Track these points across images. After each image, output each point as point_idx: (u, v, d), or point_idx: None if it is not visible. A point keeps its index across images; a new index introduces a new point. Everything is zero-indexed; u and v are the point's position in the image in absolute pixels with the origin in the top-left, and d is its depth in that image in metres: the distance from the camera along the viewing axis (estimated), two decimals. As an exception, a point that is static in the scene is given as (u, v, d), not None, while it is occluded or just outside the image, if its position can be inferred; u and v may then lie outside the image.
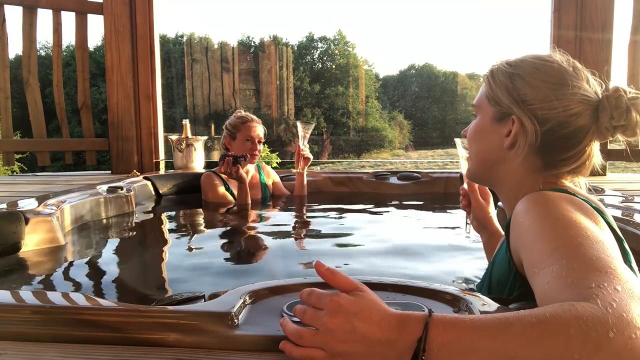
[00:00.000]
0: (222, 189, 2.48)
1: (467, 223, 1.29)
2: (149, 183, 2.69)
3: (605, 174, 3.05)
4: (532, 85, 0.84)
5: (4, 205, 1.67)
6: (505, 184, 0.94)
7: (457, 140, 1.28)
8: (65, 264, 1.51)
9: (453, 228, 2.02)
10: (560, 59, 0.86)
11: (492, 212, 1.23)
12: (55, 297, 0.82)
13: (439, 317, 0.53)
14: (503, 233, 1.20)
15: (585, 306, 0.49)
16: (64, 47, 3.68)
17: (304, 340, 0.58)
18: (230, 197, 2.47)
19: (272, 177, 2.73)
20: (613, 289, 0.51)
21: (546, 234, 0.68)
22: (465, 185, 1.25)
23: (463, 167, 1.26)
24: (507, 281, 0.82)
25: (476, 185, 1.22)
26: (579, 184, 0.89)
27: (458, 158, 1.28)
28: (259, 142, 2.50)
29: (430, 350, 0.52)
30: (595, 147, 0.86)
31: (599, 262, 0.58)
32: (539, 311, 0.51)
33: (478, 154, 0.96)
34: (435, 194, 2.83)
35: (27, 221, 1.51)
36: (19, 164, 10.99)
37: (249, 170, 2.57)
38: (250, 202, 2.40)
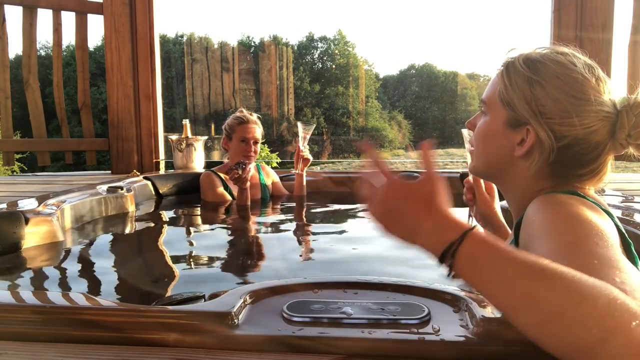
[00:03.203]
0: (221, 189, 2.48)
1: (470, 216, 1.28)
2: (149, 183, 2.69)
3: (605, 174, 3.05)
4: (553, 97, 0.79)
5: (4, 205, 1.67)
6: (511, 187, 0.92)
7: (465, 132, 1.23)
8: (65, 264, 1.51)
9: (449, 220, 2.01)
10: (582, 66, 0.81)
11: (497, 206, 1.22)
12: (55, 297, 0.83)
13: (479, 234, 0.58)
14: (508, 228, 1.19)
15: (621, 292, 0.49)
16: (64, 47, 3.68)
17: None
18: (229, 197, 2.47)
19: (271, 177, 2.73)
20: (636, 287, 0.52)
21: (560, 230, 0.67)
22: (470, 178, 1.23)
23: (469, 160, 1.25)
24: None
25: (481, 179, 1.21)
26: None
27: (458, 158, 1.27)
28: (255, 142, 2.48)
29: (459, 257, 0.58)
30: (610, 161, 0.83)
31: (617, 263, 0.57)
32: (576, 273, 0.51)
33: (486, 155, 0.93)
34: (435, 194, 2.82)
35: (27, 221, 1.51)
36: (19, 164, 10.99)
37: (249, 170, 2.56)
38: (249, 203, 2.40)
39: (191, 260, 1.64)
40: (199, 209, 2.52)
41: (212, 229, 2.17)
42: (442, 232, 0.61)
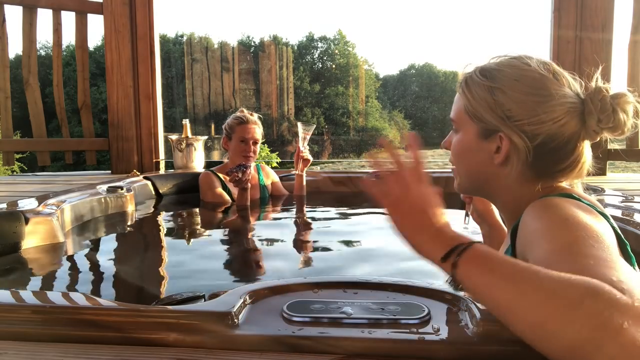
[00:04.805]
0: (220, 189, 2.47)
1: (466, 214, 1.28)
2: (149, 183, 2.69)
3: (605, 174, 3.06)
4: (516, 99, 0.81)
5: (4, 205, 1.67)
6: (501, 197, 0.92)
7: None
8: (65, 264, 1.51)
9: (452, 228, 2.02)
10: (537, 64, 0.83)
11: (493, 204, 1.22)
12: (55, 297, 0.83)
13: (477, 250, 0.61)
14: (504, 226, 1.19)
15: (614, 290, 0.48)
16: (64, 47, 3.68)
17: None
18: (228, 198, 2.47)
19: (271, 177, 2.73)
20: (633, 287, 0.51)
21: (556, 233, 0.67)
22: None
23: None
24: None
25: None
26: (575, 185, 0.88)
27: None
28: (255, 143, 2.47)
29: (465, 256, 0.61)
30: (587, 148, 0.84)
31: (613, 264, 0.57)
32: (564, 275, 0.51)
33: (468, 172, 0.93)
34: (435, 194, 2.82)
35: (27, 221, 1.51)
36: (19, 164, 10.98)
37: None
38: (249, 203, 2.40)
39: (191, 260, 1.64)
40: (198, 209, 2.52)
41: (212, 229, 2.18)
42: (452, 232, 0.68)
